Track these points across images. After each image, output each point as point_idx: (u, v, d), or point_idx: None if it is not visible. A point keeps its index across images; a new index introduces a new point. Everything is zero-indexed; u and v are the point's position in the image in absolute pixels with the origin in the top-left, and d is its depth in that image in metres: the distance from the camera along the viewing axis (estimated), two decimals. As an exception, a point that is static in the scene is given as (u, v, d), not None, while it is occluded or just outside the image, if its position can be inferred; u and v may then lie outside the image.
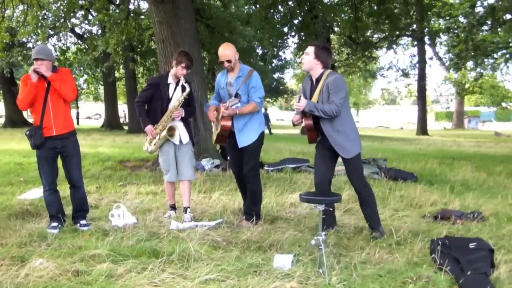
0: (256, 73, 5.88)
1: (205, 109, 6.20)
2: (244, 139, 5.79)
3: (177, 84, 6.06)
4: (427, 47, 36.45)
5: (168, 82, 6.07)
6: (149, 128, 6.01)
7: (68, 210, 6.04)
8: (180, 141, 6.07)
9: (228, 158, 6.37)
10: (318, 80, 5.25)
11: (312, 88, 5.31)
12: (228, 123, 5.73)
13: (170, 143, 6.06)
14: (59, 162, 5.75)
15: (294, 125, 5.56)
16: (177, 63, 5.96)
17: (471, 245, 4.36)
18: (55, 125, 5.53)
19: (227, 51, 5.76)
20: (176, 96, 6.02)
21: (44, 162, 5.60)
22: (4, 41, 16.83)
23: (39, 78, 5.42)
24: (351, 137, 5.24)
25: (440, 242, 4.40)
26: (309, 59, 5.22)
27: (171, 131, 5.93)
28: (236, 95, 5.55)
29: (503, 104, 50.44)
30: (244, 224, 5.73)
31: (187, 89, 5.98)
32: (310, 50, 5.23)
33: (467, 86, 38.83)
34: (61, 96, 5.56)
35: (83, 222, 5.69)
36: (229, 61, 5.74)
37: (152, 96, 6.09)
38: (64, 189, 6.38)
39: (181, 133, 6.07)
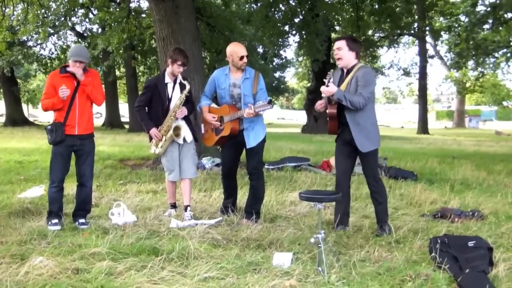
0: (262, 75, 5.92)
1: (198, 109, 6.19)
2: (253, 139, 5.80)
3: (174, 82, 6.04)
4: (428, 46, 36.51)
5: (166, 81, 6.04)
6: (153, 131, 5.99)
7: (69, 208, 6.05)
8: (184, 140, 6.06)
9: (222, 156, 6.36)
10: (349, 71, 5.33)
11: (341, 78, 5.38)
12: (237, 126, 5.75)
13: (174, 143, 6.05)
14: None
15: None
16: (172, 61, 5.93)
17: (470, 244, 4.36)
18: (78, 124, 5.59)
19: (243, 47, 5.84)
20: (176, 95, 5.99)
21: (59, 159, 5.61)
22: (6, 40, 16.83)
23: (69, 76, 5.52)
24: (371, 132, 5.31)
25: (439, 241, 4.41)
26: (343, 52, 5.27)
27: (177, 130, 5.91)
28: (270, 102, 5.48)
29: (504, 103, 50.46)
30: (244, 222, 5.74)
31: (187, 87, 5.94)
32: (342, 44, 5.29)
33: (468, 85, 38.88)
34: (89, 98, 5.65)
35: (81, 220, 5.69)
36: (247, 56, 5.78)
37: (151, 98, 6.06)
38: (66, 187, 6.37)
39: (185, 132, 6.06)
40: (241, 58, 5.71)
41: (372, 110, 5.34)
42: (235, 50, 5.75)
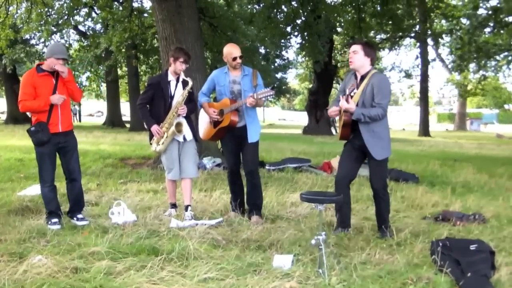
0: (259, 74, 6.12)
1: (198, 106, 6.24)
2: (254, 134, 5.94)
3: (177, 80, 6.05)
4: (429, 49, 36.44)
5: (169, 79, 6.06)
6: (155, 128, 5.98)
7: (66, 207, 6.02)
8: (184, 138, 6.05)
9: (225, 153, 6.40)
10: (363, 77, 5.23)
11: (355, 85, 5.28)
12: (237, 118, 5.86)
13: (173, 141, 6.04)
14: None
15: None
16: (174, 59, 5.97)
17: (472, 247, 4.34)
18: (61, 122, 5.59)
19: (237, 47, 6.00)
20: (179, 93, 6.00)
21: (47, 159, 5.60)
22: (8, 38, 16.85)
23: (47, 75, 5.52)
24: (384, 139, 5.23)
25: (440, 244, 4.38)
26: (359, 57, 5.19)
27: (179, 126, 5.91)
28: (273, 88, 5.71)
29: (506, 106, 50.45)
30: (256, 220, 5.82)
31: (190, 83, 5.97)
32: (358, 48, 5.21)
33: (469, 87, 38.85)
34: (68, 94, 5.66)
35: (80, 216, 5.72)
36: (241, 57, 5.92)
37: (154, 96, 6.07)
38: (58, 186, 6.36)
39: (185, 130, 6.05)
40: (234, 58, 5.90)
41: (386, 117, 5.26)
42: (229, 51, 5.94)
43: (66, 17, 20.33)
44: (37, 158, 5.67)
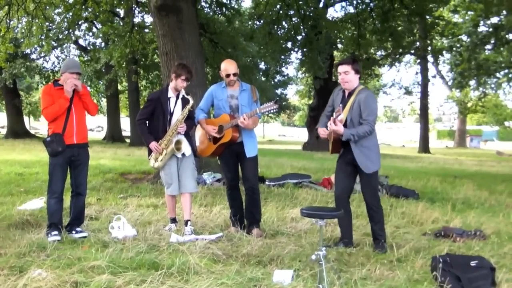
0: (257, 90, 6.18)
1: (195, 123, 6.24)
2: (252, 149, 5.98)
3: (177, 97, 6.07)
4: (430, 65, 36.60)
5: (169, 96, 6.07)
6: (153, 145, 5.99)
7: (66, 222, 6.01)
8: (183, 154, 6.05)
9: (223, 169, 6.41)
10: (350, 94, 5.32)
11: (343, 101, 5.37)
12: (237, 134, 5.90)
13: (172, 157, 6.04)
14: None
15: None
16: (176, 76, 5.99)
17: (473, 263, 4.33)
18: (76, 133, 5.71)
19: (233, 65, 6.03)
20: (178, 110, 6.01)
21: (59, 170, 5.67)
22: (8, 52, 16.90)
23: (63, 89, 5.64)
24: (373, 153, 5.33)
25: (441, 260, 4.38)
26: (350, 76, 5.27)
27: (178, 144, 5.92)
28: (276, 101, 5.72)
29: (506, 123, 50.56)
30: (257, 232, 5.86)
31: (191, 102, 5.99)
32: (348, 68, 5.27)
33: (469, 105, 38.98)
34: (84, 108, 5.82)
35: (79, 229, 5.75)
36: (235, 74, 5.95)
37: (153, 111, 6.09)
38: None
39: (185, 147, 6.06)
40: (227, 75, 5.95)
41: (375, 132, 5.35)
42: (224, 67, 6.02)
43: (66, 31, 20.45)
44: (49, 168, 5.74)
